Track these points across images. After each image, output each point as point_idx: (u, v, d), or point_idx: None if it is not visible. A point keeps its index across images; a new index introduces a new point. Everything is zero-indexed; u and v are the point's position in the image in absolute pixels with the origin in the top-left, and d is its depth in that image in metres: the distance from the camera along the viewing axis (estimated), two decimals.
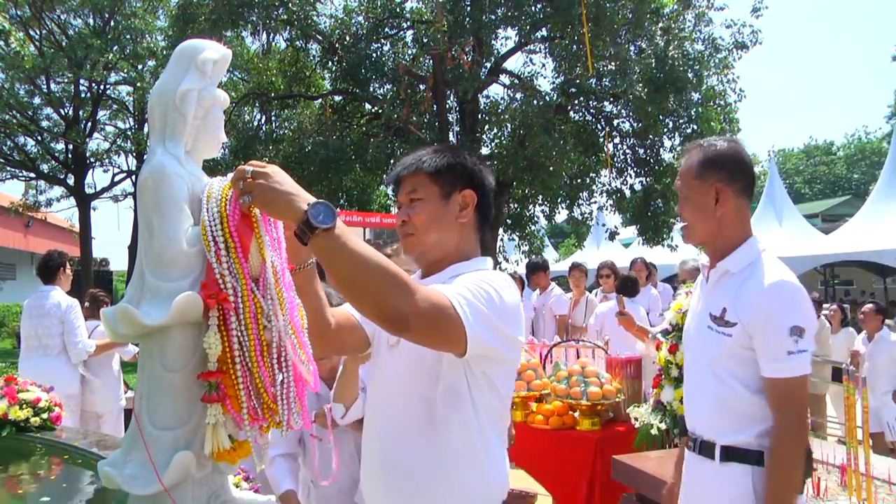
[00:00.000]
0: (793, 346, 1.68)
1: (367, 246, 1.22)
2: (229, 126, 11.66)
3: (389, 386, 1.53)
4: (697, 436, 1.88)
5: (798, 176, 46.23)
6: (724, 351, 1.79)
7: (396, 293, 1.19)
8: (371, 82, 12.37)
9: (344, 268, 1.21)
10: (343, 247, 1.19)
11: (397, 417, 1.49)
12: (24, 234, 21.76)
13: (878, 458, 2.72)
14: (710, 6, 12.30)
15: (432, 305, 1.23)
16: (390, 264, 1.21)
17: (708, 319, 1.84)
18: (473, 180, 1.55)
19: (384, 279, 1.20)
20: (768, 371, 1.72)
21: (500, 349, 1.39)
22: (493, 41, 12.26)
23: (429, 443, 1.44)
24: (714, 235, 1.87)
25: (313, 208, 1.20)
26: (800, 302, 1.73)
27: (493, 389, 1.45)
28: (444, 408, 1.42)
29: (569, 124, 12.69)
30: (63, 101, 17.84)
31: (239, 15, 11.17)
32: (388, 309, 1.20)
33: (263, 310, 1.34)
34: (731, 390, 1.78)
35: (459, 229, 1.53)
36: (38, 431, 3.02)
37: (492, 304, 1.34)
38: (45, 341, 4.71)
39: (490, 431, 1.46)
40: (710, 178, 1.83)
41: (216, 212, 1.35)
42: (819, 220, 21.96)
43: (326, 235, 1.19)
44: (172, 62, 1.45)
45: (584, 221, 14.37)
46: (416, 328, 1.22)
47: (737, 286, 1.80)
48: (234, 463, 1.39)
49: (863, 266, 14.24)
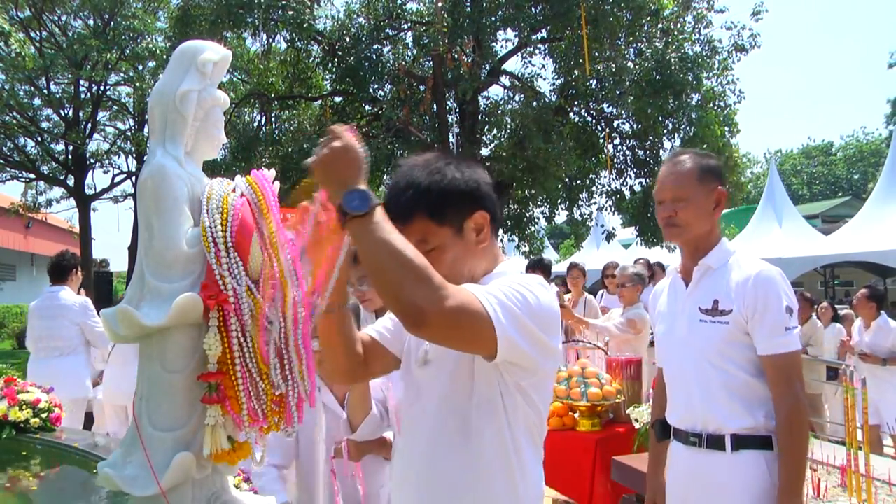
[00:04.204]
0: (788, 323, 1.86)
1: (400, 239, 1.19)
2: (229, 127, 11.65)
3: (422, 403, 1.48)
4: (701, 431, 1.94)
5: (796, 177, 46.24)
6: (722, 339, 1.91)
7: (417, 287, 1.16)
8: (371, 83, 12.36)
9: (371, 256, 1.20)
10: (372, 234, 1.19)
11: (432, 433, 1.44)
12: (24, 234, 21.77)
13: (878, 459, 2.72)
14: (709, 8, 12.30)
15: (458, 303, 1.19)
16: (419, 260, 1.18)
17: (699, 313, 1.97)
18: (476, 197, 1.44)
19: (407, 272, 1.17)
20: (769, 348, 1.86)
21: (533, 356, 1.32)
22: (493, 43, 12.25)
23: (464, 456, 1.39)
24: (703, 236, 2.03)
25: (349, 194, 1.20)
26: (787, 285, 1.92)
27: (527, 400, 1.39)
28: (478, 419, 1.38)
29: (568, 125, 12.70)
30: (63, 101, 17.83)
31: (239, 16, 11.16)
32: (405, 302, 1.17)
33: (263, 310, 1.34)
34: (734, 377, 1.90)
35: (483, 253, 1.46)
36: (37, 432, 3.02)
37: (526, 306, 1.28)
38: (58, 342, 4.72)
39: (524, 444, 1.41)
40: (711, 184, 2.00)
41: (216, 213, 1.35)
42: (819, 220, 21.96)
43: (358, 221, 1.19)
44: (172, 63, 1.45)
45: (583, 222, 14.37)
46: (435, 325, 1.18)
47: (723, 279, 1.96)
48: (234, 464, 1.39)
49: (863, 267, 14.24)
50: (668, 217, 2.03)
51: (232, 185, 1.43)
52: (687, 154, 2.07)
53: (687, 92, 11.34)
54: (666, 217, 2.04)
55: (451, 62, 11.21)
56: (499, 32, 12.24)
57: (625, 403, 3.92)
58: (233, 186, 1.43)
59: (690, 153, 2.07)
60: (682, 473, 2.03)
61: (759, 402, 1.88)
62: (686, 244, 2.07)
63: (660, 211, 2.06)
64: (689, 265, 2.08)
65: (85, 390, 4.76)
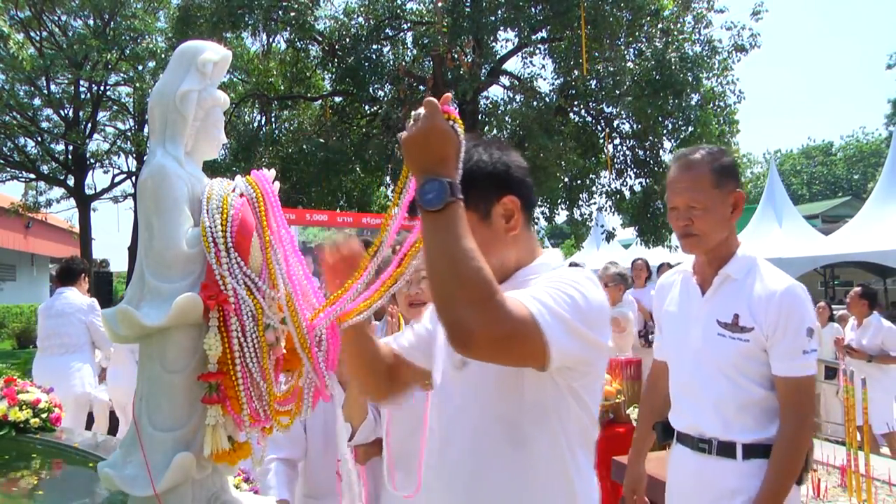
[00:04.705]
0: (807, 346, 1.79)
1: (467, 248, 1.09)
2: (229, 127, 11.66)
3: (459, 410, 1.37)
4: (710, 437, 1.88)
5: (796, 177, 46.24)
6: (740, 355, 1.84)
7: (470, 307, 1.07)
8: (371, 83, 12.37)
9: (431, 258, 1.12)
10: (437, 235, 1.10)
11: (472, 443, 1.33)
12: (24, 235, 21.77)
13: (878, 459, 2.72)
14: (709, 8, 12.31)
15: (510, 328, 1.09)
16: (481, 275, 1.08)
17: (717, 326, 1.88)
18: (505, 181, 1.33)
19: (463, 287, 1.07)
20: (783, 370, 1.80)
21: (586, 357, 1.26)
22: (493, 43, 12.26)
23: (512, 466, 1.30)
24: (722, 243, 1.90)
25: (426, 184, 1.11)
26: (810, 305, 1.84)
27: (580, 403, 1.31)
28: (529, 426, 1.29)
29: (568, 125, 12.71)
30: (63, 102, 17.84)
31: (239, 16, 11.17)
32: (455, 320, 1.08)
33: (263, 310, 1.34)
34: (749, 392, 1.84)
35: (514, 241, 1.35)
36: (37, 432, 3.01)
37: (575, 307, 1.20)
38: (64, 339, 4.84)
39: (578, 449, 1.32)
40: (727, 187, 1.87)
41: (216, 213, 1.35)
42: (819, 220, 21.95)
43: (428, 216, 1.11)
44: (173, 63, 1.45)
45: (583, 223, 14.37)
46: (482, 349, 1.11)
47: (745, 292, 1.86)
48: (234, 464, 1.39)
49: (863, 267, 14.23)
50: (685, 226, 1.89)
51: (232, 185, 1.43)
52: (699, 153, 1.90)
53: (687, 92, 11.34)
54: (682, 227, 1.90)
55: (451, 62, 11.21)
56: (499, 32, 12.25)
57: (625, 403, 3.92)
58: (233, 186, 1.43)
59: (703, 151, 1.91)
60: (689, 477, 1.97)
61: (774, 415, 1.83)
62: (705, 253, 1.95)
63: (673, 218, 1.93)
64: (706, 272, 1.95)
65: (89, 388, 4.88)
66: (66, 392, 4.64)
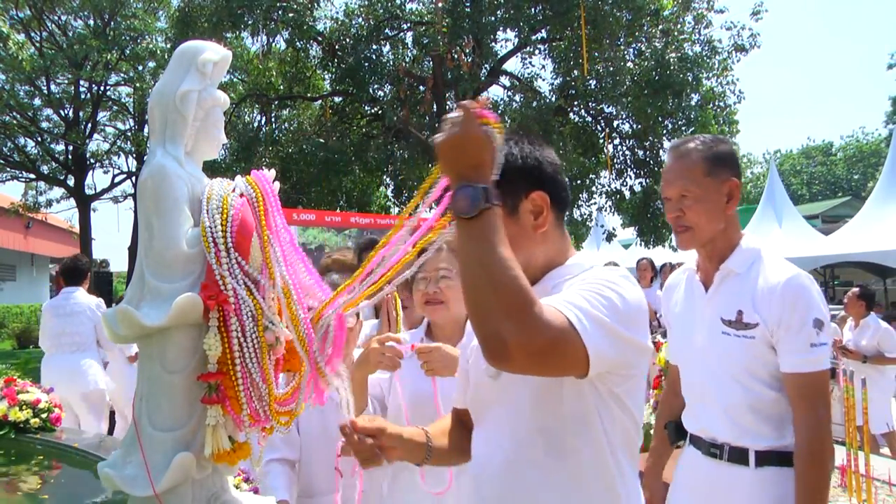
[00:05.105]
0: (815, 339, 1.68)
1: (503, 256, 1.05)
2: (229, 127, 11.67)
3: (495, 421, 1.32)
4: (722, 443, 1.80)
5: (796, 177, 46.23)
6: (746, 354, 1.75)
7: (507, 319, 1.03)
8: (371, 83, 12.38)
9: (465, 267, 1.09)
10: (471, 243, 1.07)
11: (512, 454, 1.28)
12: (24, 235, 21.77)
13: (879, 459, 2.72)
14: (709, 8, 12.32)
15: (549, 339, 1.05)
16: (517, 283, 1.04)
17: (721, 325, 1.79)
18: (534, 177, 1.29)
19: (499, 298, 1.04)
20: (791, 366, 1.70)
21: (626, 360, 1.21)
22: (493, 43, 12.27)
23: (553, 478, 1.24)
24: (718, 236, 1.83)
25: (461, 190, 1.08)
26: (818, 295, 1.73)
27: (623, 409, 1.25)
28: (570, 437, 1.23)
29: (568, 125, 12.72)
30: (63, 102, 17.84)
31: (239, 16, 11.18)
32: (490, 332, 1.05)
33: (263, 311, 1.34)
34: (759, 395, 1.75)
35: (542, 239, 1.30)
36: (37, 432, 3.02)
37: (614, 311, 1.15)
38: (76, 338, 4.93)
39: (623, 457, 1.27)
40: (722, 175, 1.79)
41: (216, 213, 1.35)
42: (819, 220, 21.94)
43: (462, 223, 1.08)
44: (173, 63, 1.45)
45: (583, 223, 14.39)
46: (519, 362, 1.07)
47: (748, 286, 1.77)
48: (234, 464, 1.39)
49: (863, 267, 14.22)
50: (676, 217, 1.83)
51: (232, 185, 1.43)
52: (693, 141, 1.84)
53: (687, 92, 11.36)
54: (673, 218, 1.85)
55: (451, 62, 11.22)
56: (498, 32, 12.26)
57: None
58: (233, 186, 1.43)
59: (698, 139, 1.85)
60: (700, 483, 1.89)
61: (786, 420, 1.74)
62: (703, 247, 1.87)
63: (667, 208, 1.87)
64: (708, 268, 1.88)
65: (102, 384, 4.97)
66: (81, 389, 4.82)
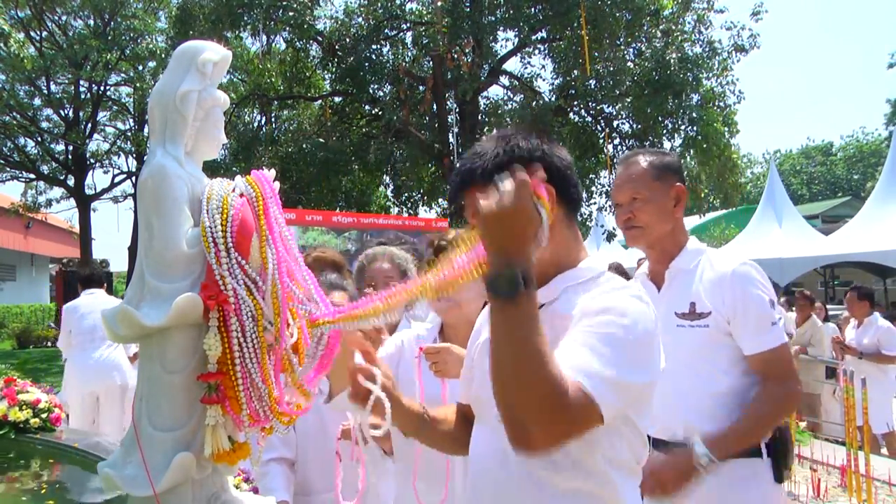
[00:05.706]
0: (774, 317, 1.80)
1: (536, 343, 1.04)
2: (229, 127, 11.67)
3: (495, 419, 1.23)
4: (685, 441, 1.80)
5: (796, 177, 46.24)
6: (703, 343, 1.84)
7: (532, 409, 1.04)
8: (371, 83, 12.40)
9: (497, 347, 1.08)
10: (505, 325, 1.07)
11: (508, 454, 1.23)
12: (24, 235, 21.78)
13: (879, 459, 2.72)
14: (709, 8, 12.33)
15: (570, 415, 1.05)
16: (546, 371, 1.03)
17: (676, 318, 1.89)
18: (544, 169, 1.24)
19: (527, 387, 1.03)
20: (756, 347, 1.80)
21: (637, 391, 1.18)
22: (493, 43, 12.28)
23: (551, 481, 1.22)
24: (667, 237, 1.95)
25: (500, 273, 1.07)
26: (763, 278, 1.86)
27: (632, 430, 1.23)
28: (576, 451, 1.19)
29: (568, 126, 12.73)
30: (63, 102, 17.86)
31: (239, 16, 11.19)
32: (515, 419, 1.06)
33: (263, 311, 1.34)
34: (719, 383, 1.85)
35: (549, 235, 1.25)
36: (37, 432, 3.02)
37: (621, 353, 1.13)
38: (102, 333, 5.14)
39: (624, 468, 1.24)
40: (669, 181, 1.93)
41: (216, 213, 1.35)
42: (819, 221, 21.96)
43: (496, 301, 1.08)
44: (172, 63, 1.45)
45: (583, 223, 14.40)
46: (539, 447, 1.07)
47: (696, 280, 1.89)
48: (234, 464, 1.39)
49: (863, 267, 14.23)
50: (627, 220, 1.95)
51: (232, 185, 1.43)
52: (641, 153, 2.00)
53: (687, 92, 11.36)
54: (624, 220, 1.96)
55: (451, 62, 11.23)
56: (498, 32, 12.27)
57: None
58: (233, 186, 1.43)
59: (644, 152, 2.00)
60: None
61: (739, 403, 1.80)
62: (651, 247, 1.99)
63: (618, 214, 1.99)
64: (657, 269, 1.99)
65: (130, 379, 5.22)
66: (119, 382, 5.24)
